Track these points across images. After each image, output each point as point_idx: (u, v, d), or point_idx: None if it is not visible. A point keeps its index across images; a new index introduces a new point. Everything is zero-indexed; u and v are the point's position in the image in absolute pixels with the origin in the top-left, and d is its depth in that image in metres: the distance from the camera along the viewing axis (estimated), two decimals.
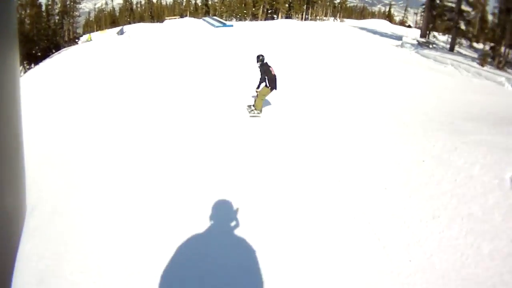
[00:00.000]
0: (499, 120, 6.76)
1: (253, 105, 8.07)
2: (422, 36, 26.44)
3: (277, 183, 4.36)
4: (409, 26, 58.73)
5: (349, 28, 30.30)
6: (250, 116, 7.96)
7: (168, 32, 26.62)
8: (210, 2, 53.00)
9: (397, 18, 68.61)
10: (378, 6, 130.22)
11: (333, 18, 52.86)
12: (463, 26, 22.13)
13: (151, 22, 52.08)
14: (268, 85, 7.69)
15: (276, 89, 7.81)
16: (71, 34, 41.49)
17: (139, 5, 65.97)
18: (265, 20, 43.42)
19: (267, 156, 5.18)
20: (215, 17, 45.79)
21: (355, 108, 8.09)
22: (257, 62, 7.80)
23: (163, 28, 31.07)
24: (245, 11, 47.20)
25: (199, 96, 8.91)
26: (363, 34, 26.09)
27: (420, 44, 23.37)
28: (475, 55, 19.12)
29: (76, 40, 40.30)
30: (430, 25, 26.29)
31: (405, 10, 69.89)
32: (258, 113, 7.99)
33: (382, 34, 26.85)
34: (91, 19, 70.47)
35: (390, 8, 70.30)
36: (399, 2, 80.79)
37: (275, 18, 46.45)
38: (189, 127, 6.59)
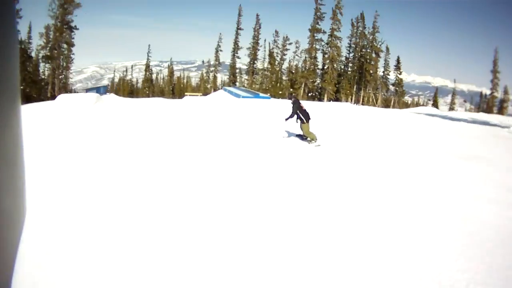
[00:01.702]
0: None
1: (308, 140, 9.08)
2: None
3: None
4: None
5: (419, 115, 22.50)
6: (315, 146, 8.82)
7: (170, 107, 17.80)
8: (238, 80, 45.49)
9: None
10: (406, 96, 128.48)
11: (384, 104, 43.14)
12: None
13: (171, 97, 44.47)
14: (304, 121, 9.01)
15: (310, 118, 9.03)
16: (56, 90, 32.59)
17: (161, 79, 61.56)
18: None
19: None
20: (241, 87, 37.54)
21: None
22: (290, 99, 9.73)
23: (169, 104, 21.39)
24: (280, 92, 38.66)
25: None
26: (448, 123, 18.77)
27: None
28: None
29: None
30: None
31: (453, 95, 63.18)
32: (315, 140, 8.93)
33: (465, 121, 20.30)
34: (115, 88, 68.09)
35: (436, 95, 61.91)
36: (426, 92, 79.15)
37: (316, 99, 37.05)
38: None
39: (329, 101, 35.96)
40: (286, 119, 9.18)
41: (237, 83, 43.79)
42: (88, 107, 13.53)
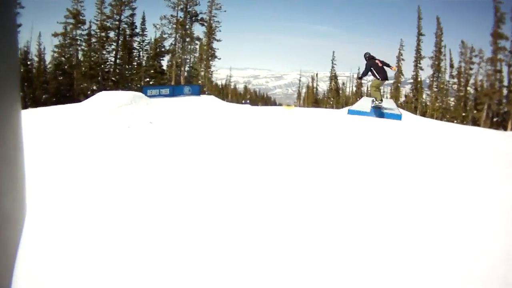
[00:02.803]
0: None
1: (374, 98, 9.13)
2: None
3: None
4: None
5: None
6: (372, 106, 9.05)
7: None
8: (419, 97, 41.91)
9: None
10: None
11: None
12: None
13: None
14: (378, 77, 8.69)
15: (387, 79, 8.77)
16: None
17: (349, 89, 60.75)
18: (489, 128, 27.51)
19: None
20: (374, 98, 30.04)
21: None
22: (365, 58, 8.94)
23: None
24: (464, 114, 37.77)
25: None
26: None
27: None
28: None
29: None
30: None
31: None
32: (380, 102, 9.04)
33: None
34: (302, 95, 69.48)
35: None
36: None
37: (501, 128, 31.76)
38: None
39: None
40: (360, 78, 9.63)
41: (423, 99, 42.01)
42: (106, 112, 9.57)
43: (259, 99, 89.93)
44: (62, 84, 29.48)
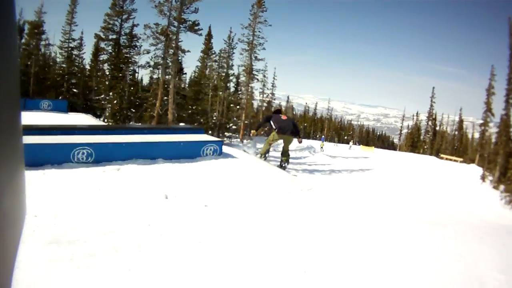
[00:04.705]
0: None
1: (260, 151, 8.08)
2: None
3: None
4: None
5: None
6: (255, 155, 7.85)
7: None
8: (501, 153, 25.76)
9: None
10: None
11: None
12: None
13: (442, 158, 37.18)
14: (274, 127, 7.50)
15: (285, 134, 7.49)
16: (170, 110, 24.31)
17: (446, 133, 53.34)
18: None
19: None
20: None
21: None
22: (273, 111, 8.08)
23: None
24: None
25: None
26: None
27: None
28: None
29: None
30: None
31: None
32: (260, 156, 7.75)
33: None
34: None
35: None
36: None
37: None
38: None
39: None
40: (255, 130, 8.16)
41: None
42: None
43: (370, 139, 74.17)
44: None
